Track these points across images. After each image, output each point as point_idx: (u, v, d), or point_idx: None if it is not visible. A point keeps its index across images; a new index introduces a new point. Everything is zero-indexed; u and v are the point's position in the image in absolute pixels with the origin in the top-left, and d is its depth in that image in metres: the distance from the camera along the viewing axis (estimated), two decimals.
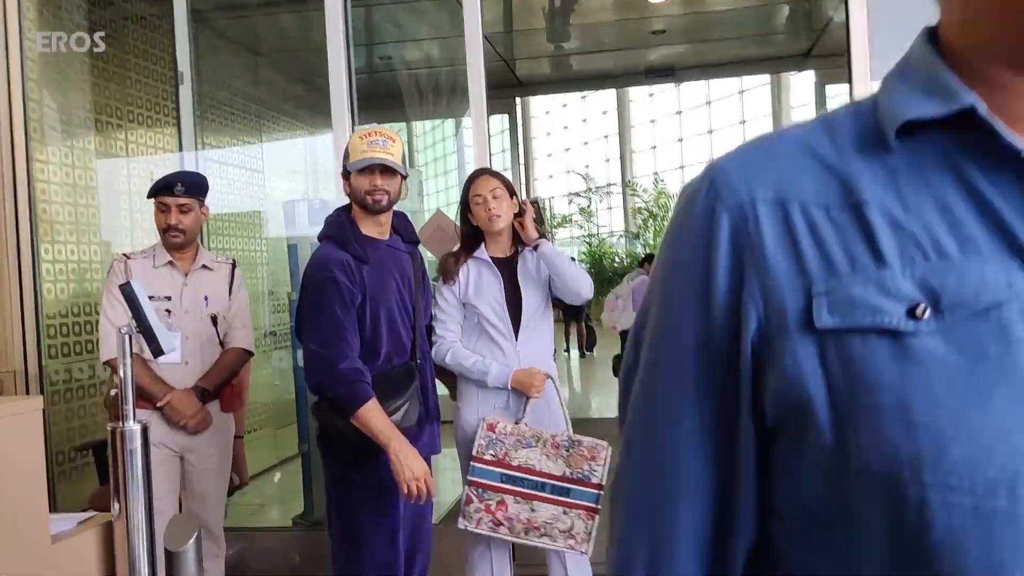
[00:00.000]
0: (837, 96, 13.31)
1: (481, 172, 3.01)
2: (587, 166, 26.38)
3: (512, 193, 2.99)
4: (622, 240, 23.29)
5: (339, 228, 2.63)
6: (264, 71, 7.18)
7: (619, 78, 9.14)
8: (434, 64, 8.09)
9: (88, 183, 4.93)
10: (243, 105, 6.78)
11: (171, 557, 2.61)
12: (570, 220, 23.51)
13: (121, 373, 2.30)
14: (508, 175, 9.69)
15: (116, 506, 2.29)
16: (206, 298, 3.26)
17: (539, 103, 28.63)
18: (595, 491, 2.80)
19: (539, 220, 3.14)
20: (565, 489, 2.80)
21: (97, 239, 4.97)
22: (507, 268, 2.98)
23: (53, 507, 4.22)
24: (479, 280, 2.95)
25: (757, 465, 0.64)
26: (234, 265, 3.39)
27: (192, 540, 2.61)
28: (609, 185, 24.94)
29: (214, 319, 3.26)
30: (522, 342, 2.93)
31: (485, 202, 2.89)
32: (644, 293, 0.75)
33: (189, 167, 4.62)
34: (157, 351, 2.36)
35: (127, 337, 2.29)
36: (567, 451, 2.82)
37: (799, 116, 21.06)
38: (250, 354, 3.38)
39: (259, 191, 6.81)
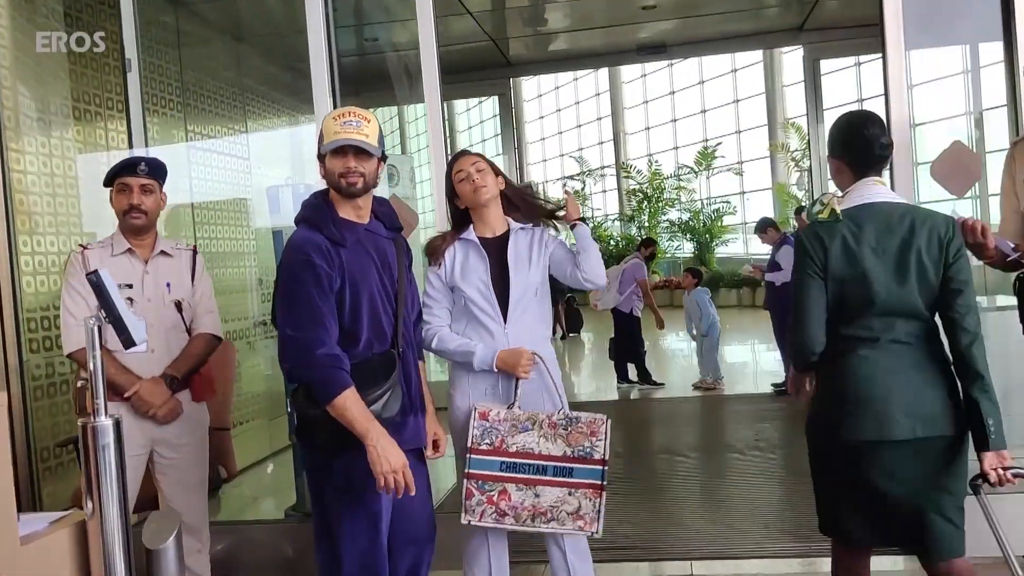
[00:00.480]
0: (832, 72, 13.16)
1: (462, 152, 2.95)
2: (580, 149, 26.24)
3: (496, 171, 2.92)
4: (616, 223, 23.15)
5: (315, 211, 2.52)
6: (248, 57, 7.04)
7: (610, 56, 8.99)
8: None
9: (67, 174, 4.81)
10: (228, 91, 6.65)
11: (150, 555, 2.52)
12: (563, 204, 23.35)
13: (91, 366, 2.20)
14: (500, 161, 9.52)
15: (89, 504, 2.19)
16: (168, 285, 3.19)
17: (531, 87, 28.48)
18: (599, 467, 2.73)
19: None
20: (567, 469, 2.73)
21: (78, 231, 4.86)
22: (496, 248, 2.90)
23: (39, 505, 4.15)
24: (465, 262, 2.87)
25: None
26: (195, 251, 3.33)
27: (172, 537, 2.52)
28: (603, 168, 24.81)
29: (178, 305, 3.20)
30: (512, 324, 2.84)
31: (469, 176, 2.85)
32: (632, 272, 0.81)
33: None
34: (128, 342, 2.25)
35: (96, 328, 2.19)
36: (565, 429, 2.75)
37: (792, 95, 20.94)
38: (218, 340, 3.32)
39: (245, 178, 6.70)
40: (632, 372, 8.88)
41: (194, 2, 6.24)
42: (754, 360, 6.80)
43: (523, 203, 2.98)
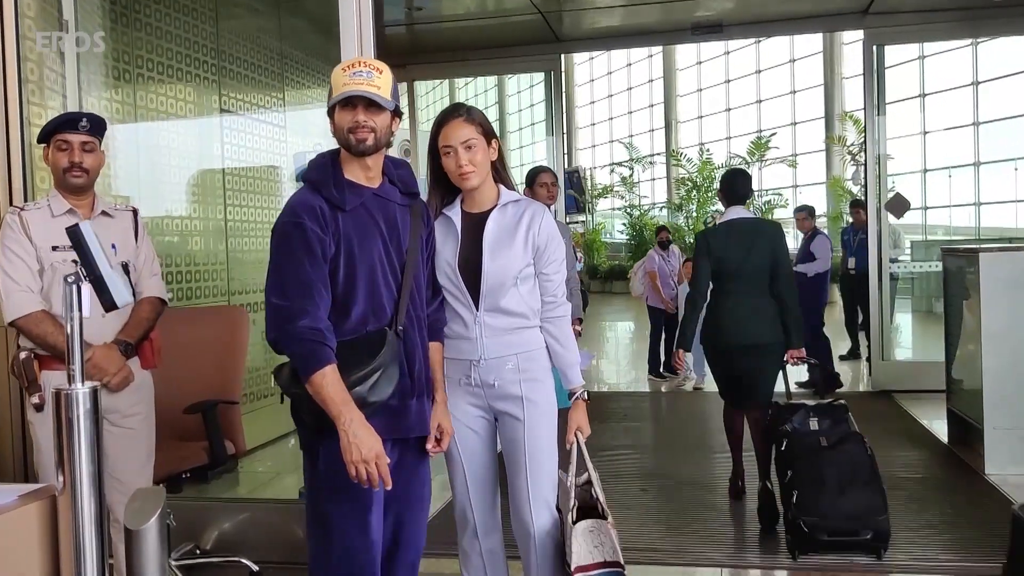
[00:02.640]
0: (897, 62, 12.66)
1: (451, 113, 2.50)
2: (631, 136, 25.84)
3: (490, 136, 2.52)
4: (663, 211, 22.76)
5: (318, 170, 2.31)
6: (287, 21, 6.87)
7: (664, 34, 8.64)
8: (471, 16, 7.72)
9: None
10: (265, 58, 6.49)
11: (131, 536, 2.34)
12: (611, 190, 23.02)
13: (68, 329, 2.00)
14: (545, 144, 9.24)
15: (60, 478, 2.01)
16: (114, 246, 2.99)
17: (583, 71, 28.13)
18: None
19: (579, 189, 2.79)
20: None
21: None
22: (477, 225, 2.55)
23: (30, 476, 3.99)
24: (443, 239, 2.55)
25: None
26: (135, 212, 3.17)
27: (155, 517, 2.34)
28: (653, 155, 24.40)
29: (125, 267, 3.02)
30: (485, 312, 2.52)
31: (455, 154, 2.46)
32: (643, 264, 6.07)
33: None
34: (109, 304, 2.08)
35: (75, 287, 2.01)
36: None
37: (851, 87, 20.35)
38: (164, 304, 3.17)
39: (280, 146, 6.54)
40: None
41: None
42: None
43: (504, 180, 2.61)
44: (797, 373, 5.30)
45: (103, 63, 4.84)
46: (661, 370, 8.69)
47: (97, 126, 2.98)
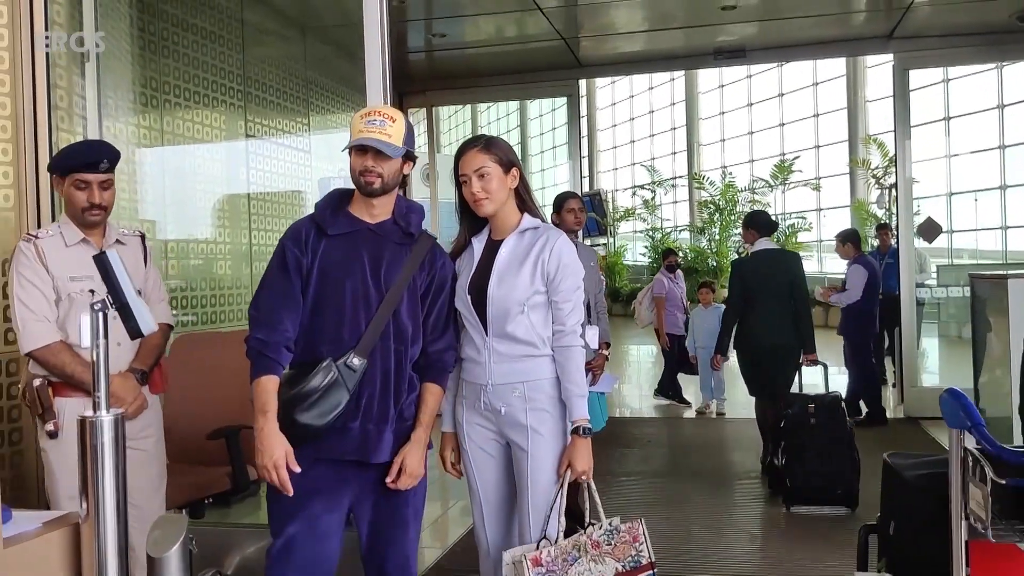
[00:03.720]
0: (921, 85, 12.61)
1: (469, 144, 2.59)
2: (653, 158, 25.84)
3: (509, 165, 2.57)
4: (684, 234, 22.68)
5: (325, 200, 2.57)
6: (313, 47, 6.94)
7: (686, 59, 8.65)
8: (493, 42, 7.77)
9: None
10: (291, 84, 6.56)
11: (153, 564, 2.33)
12: (633, 213, 22.99)
13: (93, 356, 2.03)
14: (567, 168, 9.27)
15: (84, 506, 2.02)
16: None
17: (605, 95, 28.20)
18: (649, 571, 2.54)
19: (601, 212, 2.78)
20: None
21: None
22: (497, 250, 2.61)
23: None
24: (465, 264, 2.64)
25: None
26: (143, 237, 3.20)
27: (177, 545, 2.34)
28: (675, 178, 24.36)
29: (138, 294, 3.02)
30: (495, 338, 2.54)
31: (469, 183, 2.54)
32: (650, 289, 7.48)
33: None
34: (135, 332, 2.09)
35: (100, 315, 2.02)
36: (610, 544, 2.51)
37: (875, 110, 20.27)
38: (171, 328, 3.26)
39: (305, 171, 6.59)
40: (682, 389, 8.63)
41: None
42: (825, 386, 6.66)
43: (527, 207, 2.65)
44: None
45: (131, 89, 4.91)
46: (672, 394, 8.58)
47: (114, 161, 2.99)
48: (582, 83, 9.16)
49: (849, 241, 7.52)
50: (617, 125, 28.76)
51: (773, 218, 6.01)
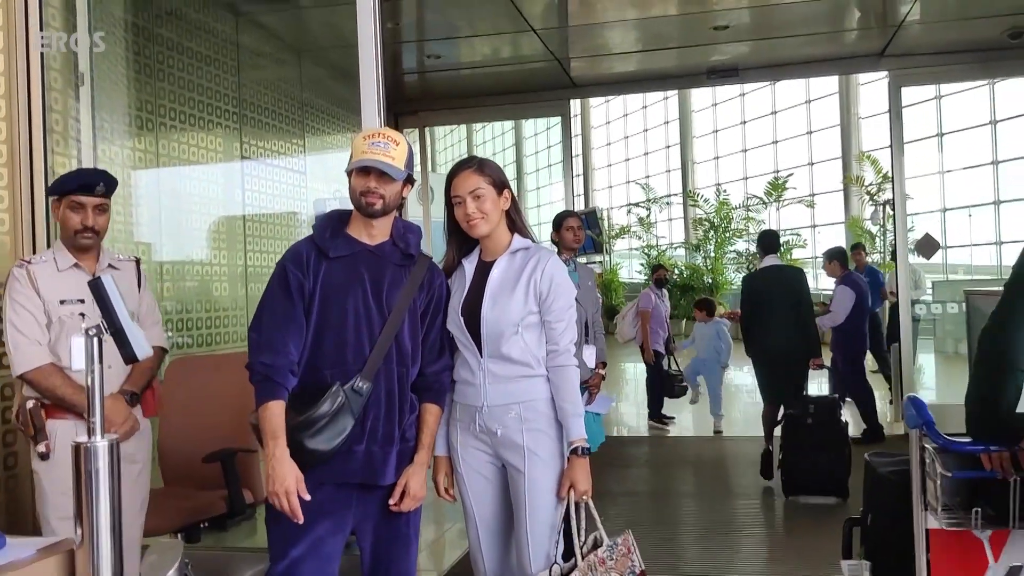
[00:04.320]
0: (914, 101, 12.66)
1: (463, 165, 2.59)
2: (647, 176, 25.91)
3: (502, 186, 2.58)
4: (679, 251, 22.71)
5: (322, 221, 2.54)
6: (308, 70, 6.97)
7: (679, 78, 8.69)
8: (487, 63, 7.80)
9: None
10: (286, 105, 6.58)
11: None
12: (628, 231, 23.03)
13: (88, 381, 2.01)
14: (560, 186, 9.23)
15: (79, 532, 2.00)
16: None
17: (599, 114, 28.32)
18: None
19: (597, 230, 2.79)
20: None
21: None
22: (489, 271, 2.61)
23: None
24: (456, 287, 2.64)
25: None
26: (138, 262, 3.25)
27: (173, 570, 2.32)
28: (670, 196, 24.42)
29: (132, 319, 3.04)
30: (489, 359, 2.53)
31: (464, 204, 2.54)
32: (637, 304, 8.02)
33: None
34: (130, 357, 2.07)
35: (95, 340, 2.01)
36: (612, 559, 2.51)
37: (868, 127, 20.34)
38: (165, 351, 3.28)
39: (300, 192, 6.60)
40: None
41: (255, 14, 6.18)
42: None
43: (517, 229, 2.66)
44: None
45: (127, 112, 4.92)
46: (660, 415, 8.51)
47: (111, 188, 3.04)
48: (575, 103, 9.15)
49: (835, 259, 7.52)
50: (612, 143, 28.86)
51: (778, 235, 6.90)
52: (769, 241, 6.47)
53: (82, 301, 2.96)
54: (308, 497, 2.33)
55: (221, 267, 5.85)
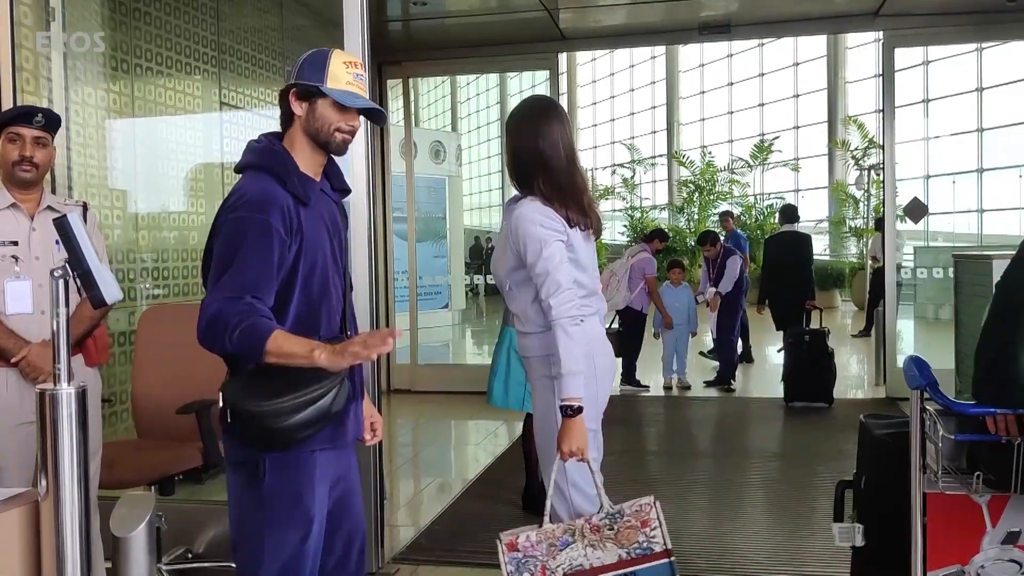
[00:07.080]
0: (902, 67, 12.57)
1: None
2: (632, 137, 25.76)
3: None
4: (664, 213, 22.65)
5: (276, 158, 2.09)
6: (290, 18, 6.76)
7: (670, 33, 8.52)
8: (474, 11, 7.61)
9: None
10: (267, 53, 6.38)
11: (118, 544, 2.24)
12: (613, 192, 22.93)
13: (54, 326, 1.91)
14: None
15: (43, 483, 1.91)
16: (57, 242, 2.88)
17: (586, 72, 28.04)
18: (665, 559, 2.35)
19: None
20: (630, 575, 2.34)
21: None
22: None
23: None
24: None
25: None
26: (85, 207, 3.10)
27: (143, 524, 2.25)
28: (655, 157, 24.31)
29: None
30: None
31: None
32: (641, 268, 7.95)
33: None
34: (98, 300, 1.97)
35: (61, 281, 1.91)
36: (611, 529, 2.35)
37: (855, 91, 20.24)
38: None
39: None
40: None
41: None
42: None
43: None
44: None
45: (100, 55, 4.74)
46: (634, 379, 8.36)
47: (52, 122, 2.93)
48: (563, 59, 8.97)
49: (713, 240, 8.68)
50: (597, 103, 28.64)
51: (796, 209, 8.89)
52: (790, 213, 8.57)
53: (15, 243, 2.87)
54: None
55: (199, 216, 5.70)
